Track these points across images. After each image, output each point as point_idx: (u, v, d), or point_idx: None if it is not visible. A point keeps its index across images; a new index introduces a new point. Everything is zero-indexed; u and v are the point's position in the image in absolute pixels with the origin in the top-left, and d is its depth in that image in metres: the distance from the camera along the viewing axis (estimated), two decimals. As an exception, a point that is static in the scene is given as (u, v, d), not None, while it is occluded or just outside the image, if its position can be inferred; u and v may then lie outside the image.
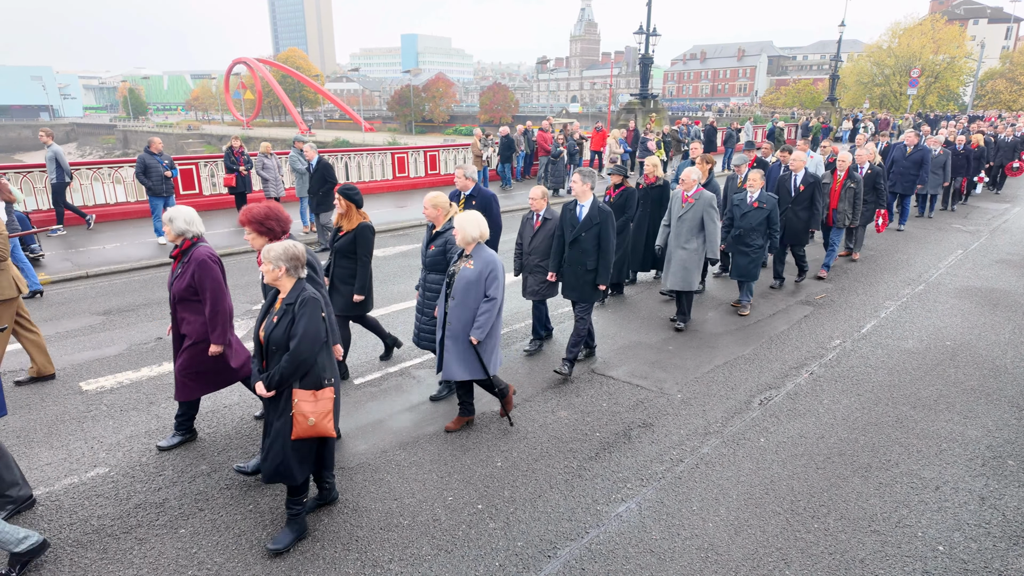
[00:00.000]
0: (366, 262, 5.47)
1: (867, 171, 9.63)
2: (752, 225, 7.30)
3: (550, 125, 18.95)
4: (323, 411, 3.51)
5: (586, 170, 5.75)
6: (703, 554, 3.67)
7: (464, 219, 4.51)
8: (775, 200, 7.37)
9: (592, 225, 5.66)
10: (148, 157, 10.81)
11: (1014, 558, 3.63)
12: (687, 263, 6.86)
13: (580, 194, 5.76)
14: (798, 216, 8.42)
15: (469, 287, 4.49)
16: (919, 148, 11.92)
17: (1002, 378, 5.97)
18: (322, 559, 3.62)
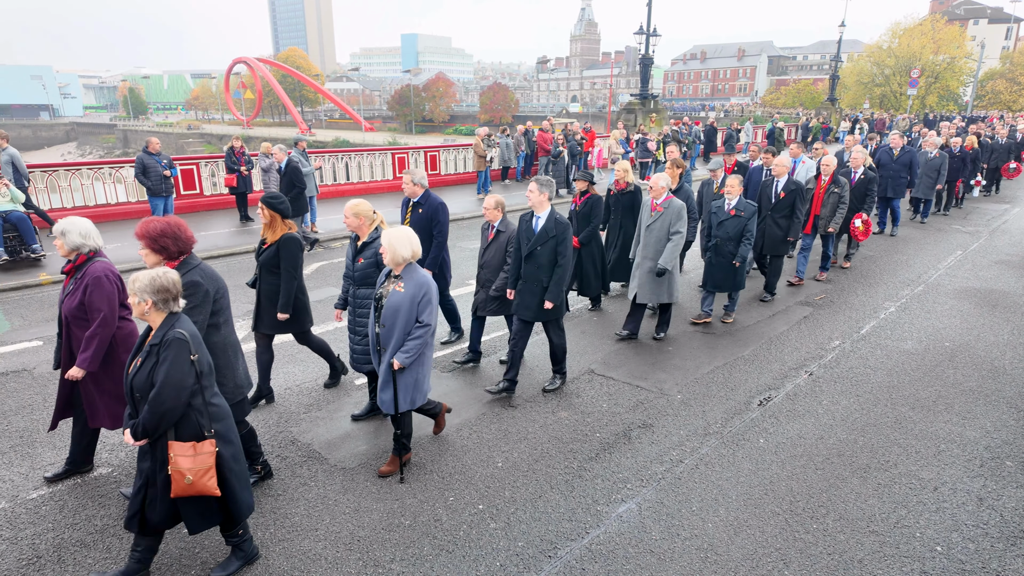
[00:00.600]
0: (291, 277, 5.02)
1: (860, 176, 9.35)
2: (730, 234, 6.92)
3: (550, 125, 18.98)
4: (202, 467, 3.10)
5: (543, 179, 5.38)
6: (703, 554, 3.69)
7: (394, 237, 4.08)
8: (754, 209, 6.96)
9: (548, 239, 5.24)
10: (146, 157, 10.82)
11: (1011, 559, 3.65)
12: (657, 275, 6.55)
13: (536, 205, 5.32)
14: (777, 224, 7.96)
15: (399, 312, 4.08)
16: (906, 150, 11.66)
17: (1001, 379, 5.99)
18: (324, 559, 3.64)
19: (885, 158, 11.67)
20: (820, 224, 8.68)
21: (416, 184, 6.13)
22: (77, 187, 12.77)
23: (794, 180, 8.02)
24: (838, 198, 8.54)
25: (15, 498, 4.19)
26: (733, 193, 6.95)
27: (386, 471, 4.42)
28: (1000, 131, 17.62)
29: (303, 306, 5.28)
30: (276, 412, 5.31)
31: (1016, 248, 11.19)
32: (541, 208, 5.33)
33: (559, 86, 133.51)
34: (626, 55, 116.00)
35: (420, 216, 6.10)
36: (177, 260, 3.74)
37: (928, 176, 12.36)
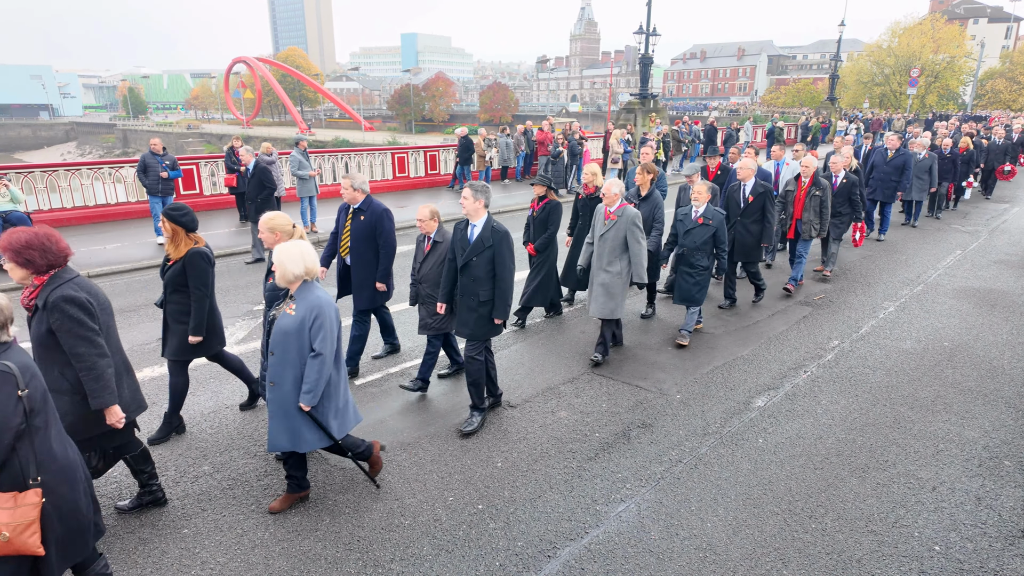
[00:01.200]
0: (202, 295, 4.58)
1: (842, 180, 8.95)
2: (697, 244, 6.52)
3: (551, 125, 18.99)
4: (22, 522, 2.60)
5: (478, 184, 4.91)
6: (701, 554, 3.70)
7: (284, 252, 3.63)
8: (723, 216, 6.60)
9: (484, 248, 4.78)
10: (149, 157, 10.77)
11: (1009, 558, 3.67)
12: (611, 288, 6.05)
13: (471, 212, 4.85)
14: (748, 231, 7.62)
15: (289, 338, 3.62)
16: (901, 153, 11.18)
17: (999, 379, 6.01)
18: (324, 559, 3.66)
19: (878, 160, 11.33)
20: (804, 228, 8.30)
21: (356, 189, 5.69)
22: (77, 187, 12.78)
23: (762, 183, 7.62)
24: (820, 201, 8.21)
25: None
26: (700, 200, 6.56)
27: (276, 508, 4.03)
28: (996, 131, 17.16)
29: (213, 328, 4.80)
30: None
31: (1015, 248, 11.20)
32: (476, 216, 4.86)
33: (559, 85, 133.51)
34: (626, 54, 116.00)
35: (362, 224, 5.70)
36: (46, 274, 3.46)
37: (919, 178, 11.97)
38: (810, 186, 8.24)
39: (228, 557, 3.66)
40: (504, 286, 4.86)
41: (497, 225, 4.87)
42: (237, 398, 5.55)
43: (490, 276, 4.85)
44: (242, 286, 8.93)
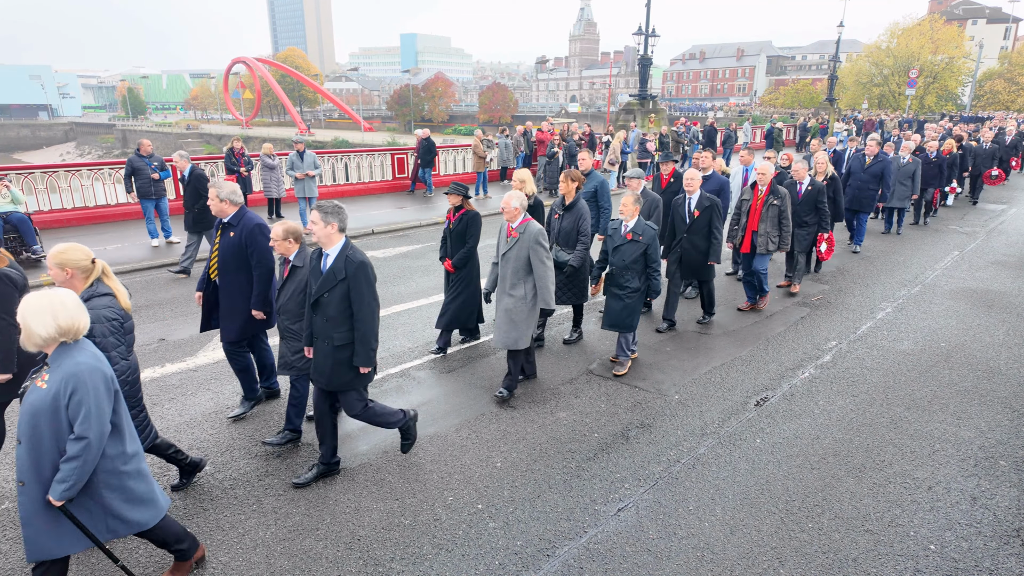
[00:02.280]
0: (7, 325, 3.75)
1: (807, 187, 8.33)
2: (626, 262, 5.85)
3: (550, 125, 19.02)
4: None
5: (328, 205, 4.05)
6: (699, 553, 3.74)
7: (28, 308, 2.75)
8: (654, 232, 5.87)
9: (336, 282, 4.02)
10: (137, 160, 10.58)
11: (1004, 557, 3.70)
12: (514, 314, 5.35)
13: (323, 239, 4.06)
14: (695, 247, 6.97)
15: (39, 419, 2.76)
16: (879, 159, 10.49)
17: (995, 379, 6.04)
18: (325, 558, 3.69)
19: (855, 166, 10.72)
20: (760, 241, 7.49)
21: (224, 201, 4.87)
22: (77, 188, 12.80)
23: (708, 196, 6.95)
24: (778, 211, 7.44)
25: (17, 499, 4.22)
26: (627, 213, 5.90)
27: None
28: (985, 135, 16.40)
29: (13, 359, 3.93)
30: (277, 413, 5.35)
31: (1013, 249, 11.25)
32: (329, 243, 4.08)
33: (558, 86, 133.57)
34: (625, 55, 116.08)
35: (231, 241, 4.90)
36: None
37: (902, 184, 11.36)
38: (767, 195, 7.50)
39: (230, 557, 3.69)
40: (364, 328, 4.09)
41: (354, 253, 4.08)
42: (238, 398, 5.57)
43: (346, 315, 4.07)
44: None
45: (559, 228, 6.44)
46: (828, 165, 9.07)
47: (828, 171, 9.07)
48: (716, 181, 8.04)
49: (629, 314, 5.94)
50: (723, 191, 7.99)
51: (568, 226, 6.36)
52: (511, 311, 5.37)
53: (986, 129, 18.99)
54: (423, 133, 16.57)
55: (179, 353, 6.62)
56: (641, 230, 5.86)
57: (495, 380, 5.99)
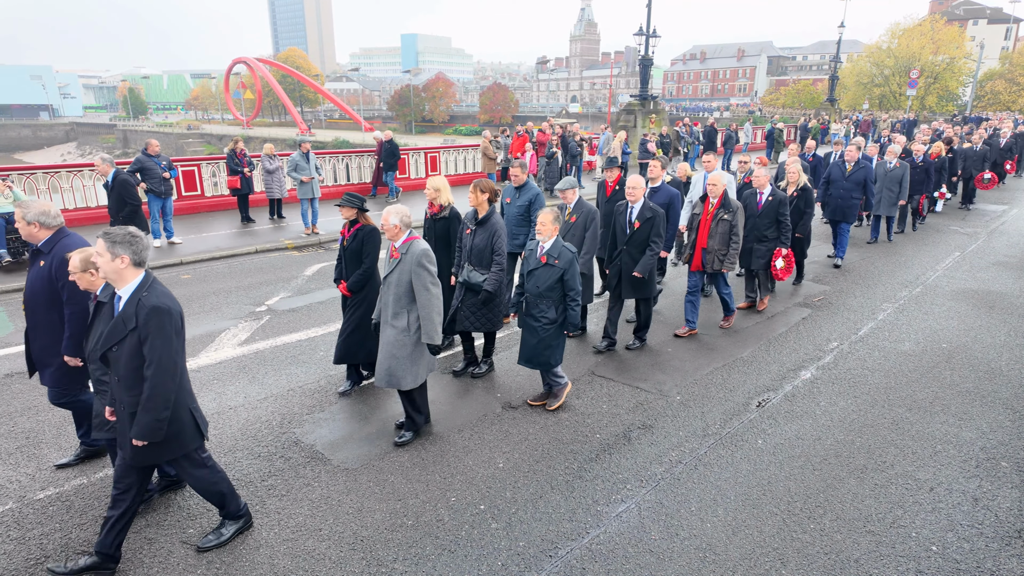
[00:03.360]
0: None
1: (767, 198, 7.53)
2: (540, 289, 5.10)
3: (550, 126, 19.03)
4: None
5: (117, 233, 3.25)
6: (701, 554, 3.74)
7: None
8: (572, 256, 5.09)
9: (126, 332, 3.24)
10: (146, 159, 10.71)
11: (1006, 558, 3.71)
12: (396, 348, 4.67)
13: (112, 276, 3.29)
14: (635, 261, 6.31)
15: None
16: (860, 166, 9.82)
17: (997, 380, 6.05)
18: (328, 559, 3.70)
19: (835, 174, 9.98)
20: (708, 259, 6.84)
21: (32, 223, 4.09)
22: (78, 188, 12.82)
23: (651, 207, 6.28)
24: (728, 227, 6.70)
25: (22, 498, 4.25)
26: (544, 232, 5.10)
27: None
28: (976, 137, 15.61)
29: None
30: (279, 413, 5.36)
31: (1014, 250, 11.25)
32: (120, 281, 3.29)
33: (559, 86, 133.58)
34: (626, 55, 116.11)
35: (40, 272, 4.12)
36: None
37: (889, 190, 10.75)
38: (718, 208, 6.76)
39: (233, 557, 3.71)
40: (154, 391, 3.24)
41: (148, 297, 3.26)
42: (240, 399, 5.60)
43: (136, 372, 3.26)
44: (244, 287, 8.97)
45: (471, 245, 5.68)
46: (801, 175, 8.36)
47: (800, 181, 8.33)
48: (665, 193, 7.30)
49: (546, 348, 5.19)
50: (672, 204, 7.29)
51: (481, 243, 5.62)
52: (392, 344, 4.68)
53: (981, 130, 18.30)
54: (385, 135, 16.04)
55: (181, 354, 6.62)
56: (558, 253, 5.07)
57: (497, 381, 6.00)
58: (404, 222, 4.69)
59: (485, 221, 5.67)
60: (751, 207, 7.61)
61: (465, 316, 5.81)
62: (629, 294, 6.46)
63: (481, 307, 5.77)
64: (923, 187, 12.08)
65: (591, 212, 6.42)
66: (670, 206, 7.23)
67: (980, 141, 15.21)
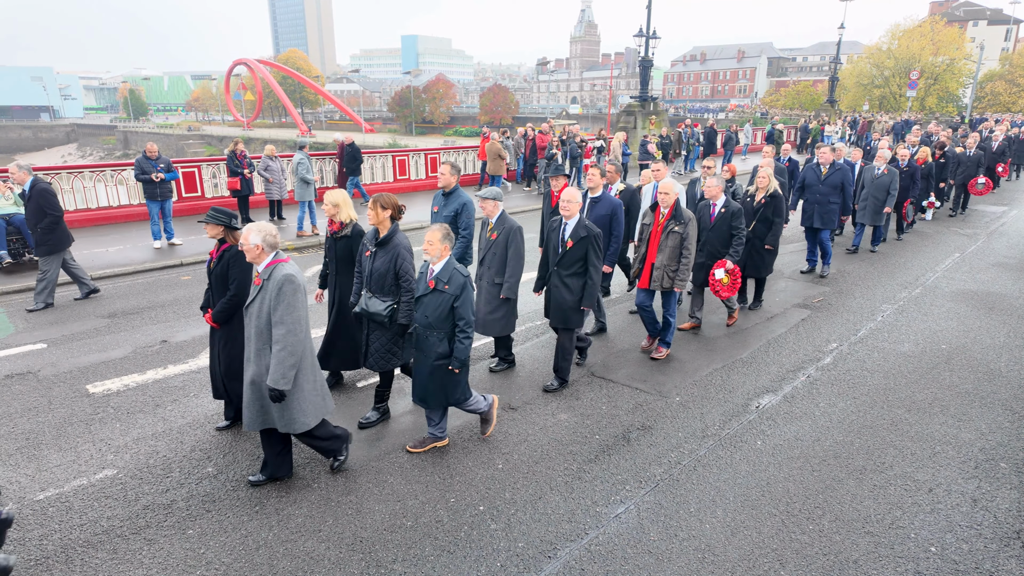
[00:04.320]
0: None
1: (720, 210, 6.85)
2: (429, 319, 4.43)
3: (550, 128, 19.05)
4: None
5: None
6: (700, 555, 3.75)
7: None
8: (464, 280, 4.39)
9: None
10: (144, 161, 10.76)
11: (1005, 559, 3.71)
12: (263, 388, 4.07)
13: None
14: (566, 285, 5.50)
15: None
16: (837, 168, 9.31)
17: (996, 381, 6.05)
18: (327, 560, 3.70)
19: (810, 178, 9.44)
20: (656, 276, 6.24)
21: None
22: (79, 189, 12.84)
23: (585, 224, 5.45)
24: (679, 240, 6.09)
25: (22, 499, 4.25)
26: (432, 253, 4.42)
27: None
28: (970, 141, 14.81)
29: None
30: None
31: (1014, 251, 11.25)
32: None
33: (559, 87, 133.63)
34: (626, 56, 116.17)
35: None
36: None
37: (875, 197, 10.28)
38: (668, 219, 6.18)
39: (233, 558, 3.71)
40: None
41: None
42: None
43: None
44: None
45: (371, 269, 4.87)
46: (771, 180, 7.62)
47: (770, 187, 7.58)
48: (607, 204, 6.58)
49: (441, 388, 4.55)
50: (615, 217, 6.58)
51: (381, 267, 4.80)
52: (257, 384, 4.10)
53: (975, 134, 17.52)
54: (345, 138, 15.21)
55: (181, 355, 6.64)
56: (448, 276, 4.38)
57: (496, 383, 6.01)
58: (268, 242, 4.04)
59: (386, 242, 4.85)
60: (704, 220, 6.94)
61: (375, 353, 4.98)
62: (555, 321, 5.70)
63: (392, 343, 4.98)
64: (908, 193, 11.51)
65: (513, 230, 5.69)
66: (613, 218, 6.55)
67: (974, 145, 14.55)
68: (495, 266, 5.77)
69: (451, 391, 4.62)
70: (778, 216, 7.60)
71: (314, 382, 4.20)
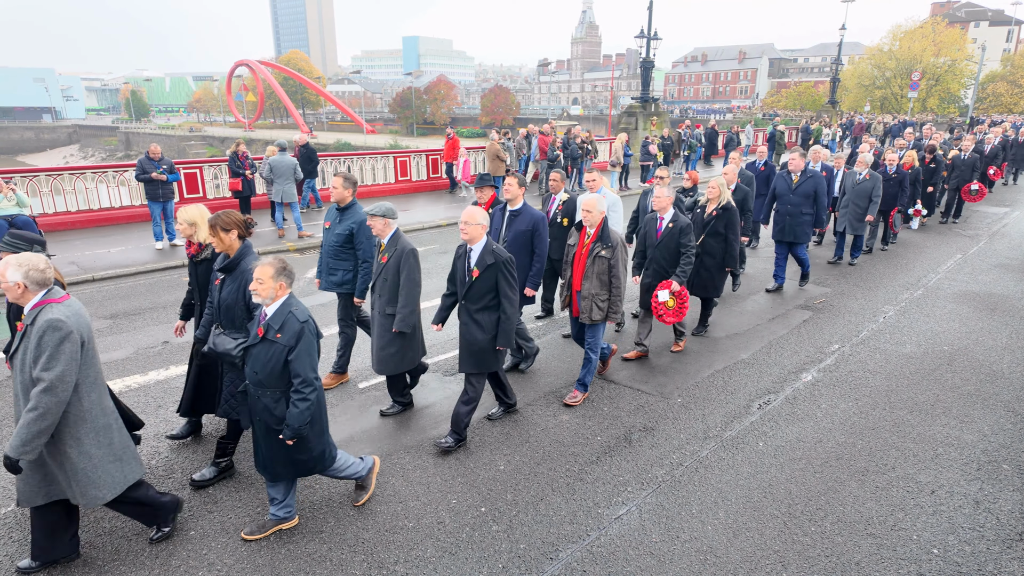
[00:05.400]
0: None
1: (668, 225, 6.14)
2: (259, 377, 3.63)
3: (551, 129, 19.04)
4: None
5: None
6: (702, 557, 3.74)
7: None
8: (300, 328, 3.58)
9: None
10: (146, 162, 10.84)
11: (1007, 561, 3.70)
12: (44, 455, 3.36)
13: None
14: (476, 322, 4.71)
15: None
16: (809, 175, 8.45)
17: (998, 383, 6.04)
18: (329, 561, 3.70)
19: (781, 187, 8.61)
20: (584, 306, 5.32)
21: None
22: (81, 190, 12.86)
23: (492, 250, 4.63)
24: (607, 266, 5.23)
25: (24, 500, 4.25)
26: (264, 294, 3.60)
27: None
28: (966, 144, 14.05)
29: None
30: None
31: (1015, 252, 11.24)
32: None
33: (560, 88, 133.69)
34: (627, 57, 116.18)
35: None
36: None
37: (856, 204, 9.63)
38: (594, 241, 5.29)
39: (235, 559, 3.71)
40: None
41: None
42: (242, 401, 5.60)
43: None
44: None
45: (218, 300, 4.17)
46: (722, 190, 6.83)
47: (722, 198, 6.78)
48: (527, 218, 5.77)
49: (286, 459, 3.73)
50: (537, 233, 5.77)
51: (229, 297, 4.10)
52: None
53: (970, 136, 16.73)
54: (300, 139, 14.26)
55: (183, 356, 6.64)
56: (280, 323, 3.57)
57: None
58: (33, 279, 3.22)
59: (232, 267, 4.13)
60: (650, 235, 6.32)
61: (227, 399, 4.23)
62: (466, 366, 4.82)
63: None
64: (895, 201, 10.71)
65: (406, 252, 4.87)
66: (535, 234, 5.79)
67: (970, 148, 13.80)
68: (386, 294, 4.92)
69: (300, 461, 3.77)
70: (731, 231, 6.71)
71: (109, 446, 3.47)
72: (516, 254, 5.55)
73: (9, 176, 11.65)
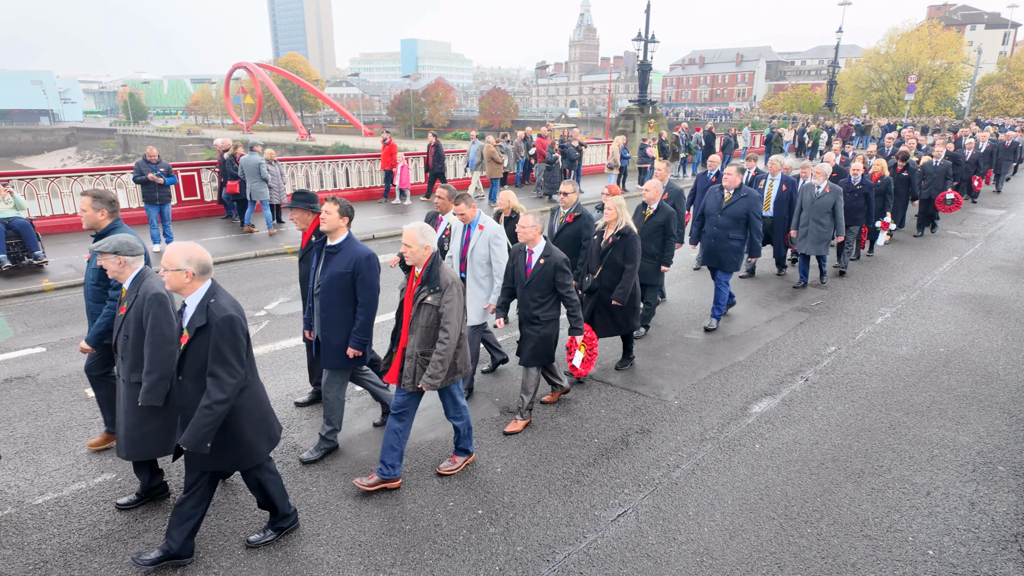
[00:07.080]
0: None
1: (539, 261, 4.95)
2: None
3: (549, 131, 19.07)
4: None
5: None
6: (698, 558, 3.75)
7: None
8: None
9: None
10: (144, 165, 10.85)
11: (1002, 562, 3.72)
12: None
13: None
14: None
15: None
16: (743, 195, 7.16)
17: (994, 384, 6.06)
18: (326, 564, 3.70)
19: (711, 204, 7.38)
20: (406, 368, 4.16)
21: None
22: (78, 193, 12.83)
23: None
24: (434, 316, 4.07)
25: (20, 503, 4.25)
26: None
27: None
28: (937, 149, 12.69)
29: None
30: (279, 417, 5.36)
31: (1011, 254, 11.27)
32: None
33: (558, 91, 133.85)
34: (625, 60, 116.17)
35: None
36: None
37: (817, 223, 8.46)
38: (419, 285, 4.12)
39: (232, 562, 3.71)
40: None
41: None
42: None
43: None
44: (243, 292, 8.99)
45: None
46: (621, 212, 5.74)
47: (621, 222, 5.70)
48: (347, 257, 4.43)
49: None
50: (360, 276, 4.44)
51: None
52: None
53: (942, 141, 15.21)
54: (223, 142, 13.56)
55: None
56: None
57: (495, 386, 6.02)
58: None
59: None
60: (519, 275, 5.05)
61: None
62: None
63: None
64: (861, 216, 9.65)
65: (148, 298, 3.80)
66: (356, 276, 4.43)
67: (942, 154, 12.51)
68: (129, 356, 3.84)
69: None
70: (629, 262, 5.63)
71: None
72: (329, 303, 4.44)
73: (6, 179, 11.63)
